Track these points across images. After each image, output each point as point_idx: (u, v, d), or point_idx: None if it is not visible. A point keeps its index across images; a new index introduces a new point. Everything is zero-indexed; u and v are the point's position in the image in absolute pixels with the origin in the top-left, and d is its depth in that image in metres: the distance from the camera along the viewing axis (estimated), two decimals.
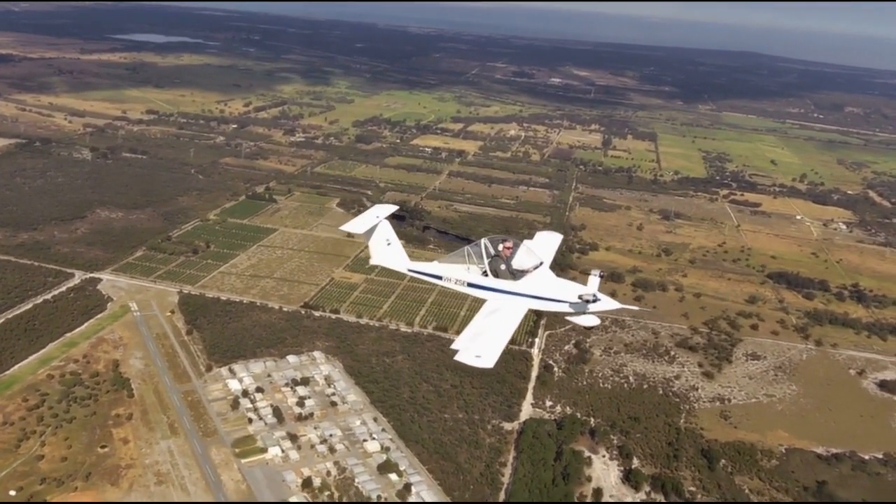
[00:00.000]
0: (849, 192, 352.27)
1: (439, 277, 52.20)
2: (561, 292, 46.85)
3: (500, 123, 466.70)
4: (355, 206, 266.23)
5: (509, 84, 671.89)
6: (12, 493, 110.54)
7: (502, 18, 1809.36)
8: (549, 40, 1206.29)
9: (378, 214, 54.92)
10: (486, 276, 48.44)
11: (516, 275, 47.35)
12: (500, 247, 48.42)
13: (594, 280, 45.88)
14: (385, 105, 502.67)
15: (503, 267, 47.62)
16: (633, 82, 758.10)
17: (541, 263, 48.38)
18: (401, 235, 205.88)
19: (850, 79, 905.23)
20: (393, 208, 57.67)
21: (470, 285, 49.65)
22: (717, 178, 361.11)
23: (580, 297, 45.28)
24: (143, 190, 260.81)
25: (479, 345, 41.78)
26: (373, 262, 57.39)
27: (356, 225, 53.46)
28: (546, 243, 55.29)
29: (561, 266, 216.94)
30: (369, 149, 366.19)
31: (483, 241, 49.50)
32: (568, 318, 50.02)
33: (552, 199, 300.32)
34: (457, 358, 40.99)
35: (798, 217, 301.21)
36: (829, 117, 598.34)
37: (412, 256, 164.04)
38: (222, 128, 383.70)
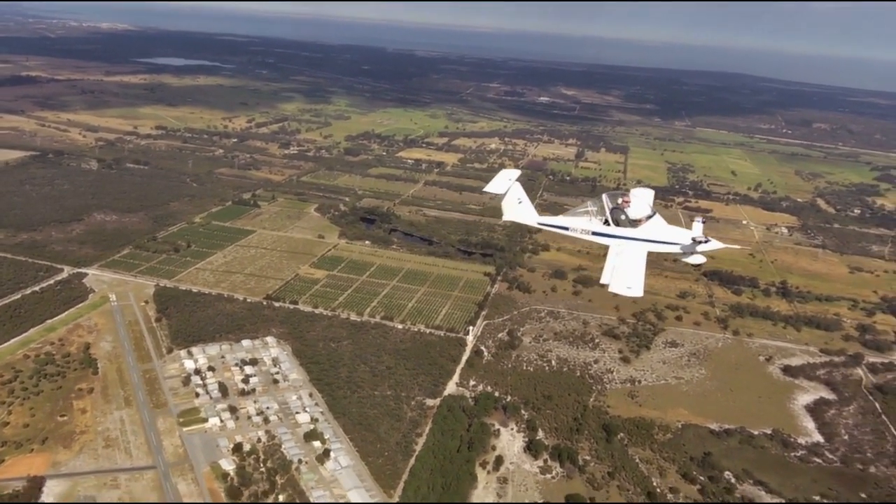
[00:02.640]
0: (799, 199, 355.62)
1: (566, 228, 57.92)
2: (674, 236, 53.50)
3: (483, 138, 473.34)
4: (331, 211, 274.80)
5: (499, 102, 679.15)
6: None
7: (507, 42, 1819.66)
8: (545, 62, 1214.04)
9: (510, 177, 60.07)
10: (608, 224, 54.02)
11: (634, 223, 53.22)
12: (620, 200, 54.16)
13: (698, 225, 53.36)
14: (379, 121, 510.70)
15: (623, 217, 53.48)
16: (616, 100, 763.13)
17: (654, 213, 54.07)
18: (368, 237, 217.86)
19: (825, 97, 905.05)
20: (518, 172, 62.30)
21: (594, 234, 55.28)
22: (677, 186, 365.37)
23: (693, 240, 52.10)
24: (139, 196, 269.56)
25: (624, 279, 49.20)
26: (505, 218, 61.46)
27: (494, 186, 59.41)
28: (644, 196, 59.12)
29: (512, 265, 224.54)
30: (356, 160, 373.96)
31: (603, 195, 55.27)
32: (679, 258, 55.65)
33: None
34: (610, 289, 48.71)
35: (744, 222, 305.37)
36: (797, 132, 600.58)
37: (375, 255, 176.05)
38: (223, 142, 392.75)
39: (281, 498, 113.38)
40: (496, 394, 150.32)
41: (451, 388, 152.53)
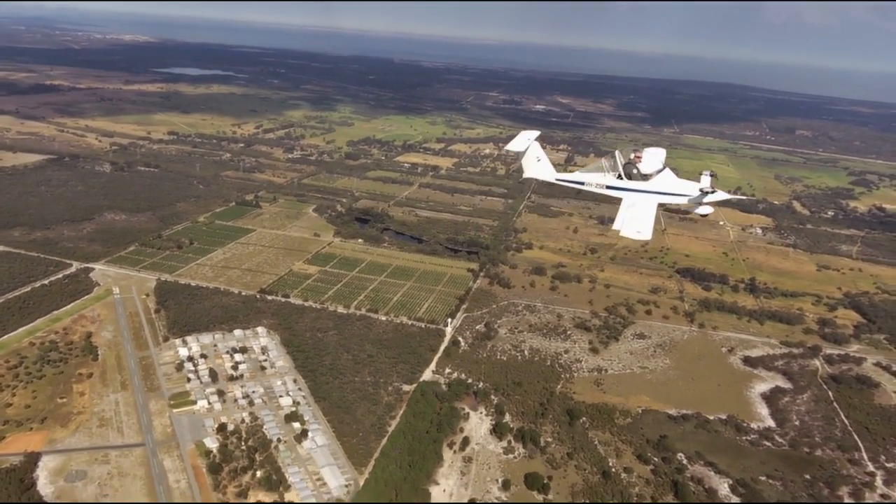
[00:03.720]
0: (775, 202, 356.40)
1: (581, 183, 60.36)
2: (683, 188, 55.70)
3: (478, 143, 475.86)
4: (328, 211, 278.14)
5: (497, 110, 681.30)
6: None
7: (509, 53, 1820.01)
8: (544, 72, 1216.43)
9: (528, 137, 61.70)
10: (621, 178, 56.29)
11: (646, 177, 55.40)
12: (632, 155, 56.49)
13: (706, 178, 55.44)
14: (380, 128, 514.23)
15: (635, 171, 55.74)
16: (610, 108, 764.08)
17: (664, 167, 56.16)
18: (361, 235, 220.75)
19: (810, 106, 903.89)
20: (537, 133, 63.51)
21: (608, 188, 57.66)
22: None
23: (701, 190, 54.23)
24: (147, 197, 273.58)
25: (635, 225, 51.91)
26: (525, 175, 63.15)
27: (514, 145, 61.57)
28: (656, 154, 59.84)
29: (495, 262, 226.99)
30: (355, 164, 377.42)
31: (616, 152, 57.54)
32: (688, 209, 58.44)
33: (504, 207, 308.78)
34: (621, 234, 51.62)
35: (721, 223, 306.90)
36: (780, 139, 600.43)
37: (367, 252, 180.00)
38: (231, 147, 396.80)
39: (258, 474, 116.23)
40: (469, 380, 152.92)
41: (427, 375, 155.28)
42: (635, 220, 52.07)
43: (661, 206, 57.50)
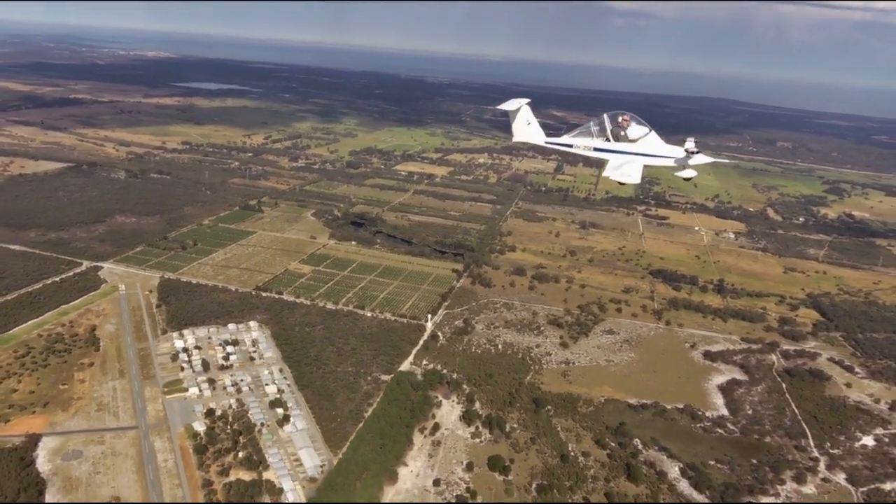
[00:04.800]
0: (750, 209, 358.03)
1: (570, 146, 59.79)
2: (668, 151, 55.70)
3: (474, 154, 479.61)
4: (326, 216, 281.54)
5: (494, 123, 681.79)
6: None
7: (512, 69, 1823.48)
8: (542, 87, 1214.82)
9: (520, 101, 61.63)
10: (609, 141, 56.50)
11: (633, 141, 55.62)
12: (619, 119, 56.84)
13: (690, 142, 55.15)
14: (382, 139, 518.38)
15: (622, 133, 56.17)
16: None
17: (650, 131, 56.46)
18: (355, 238, 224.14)
19: (793, 119, 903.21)
20: (528, 99, 63.18)
21: (596, 149, 57.75)
22: (641, 197, 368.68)
23: (686, 151, 53.72)
24: (157, 201, 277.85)
25: (624, 171, 52.68)
26: (515, 139, 62.71)
27: (507, 105, 61.63)
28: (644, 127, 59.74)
29: (479, 263, 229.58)
30: (356, 172, 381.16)
31: (605, 115, 57.44)
32: (673, 171, 57.51)
33: (492, 212, 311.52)
34: (612, 178, 52.08)
35: (696, 228, 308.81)
36: (761, 150, 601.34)
37: (359, 254, 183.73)
38: (240, 156, 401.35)
39: (240, 454, 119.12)
40: (444, 371, 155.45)
41: (405, 366, 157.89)
42: (624, 168, 52.72)
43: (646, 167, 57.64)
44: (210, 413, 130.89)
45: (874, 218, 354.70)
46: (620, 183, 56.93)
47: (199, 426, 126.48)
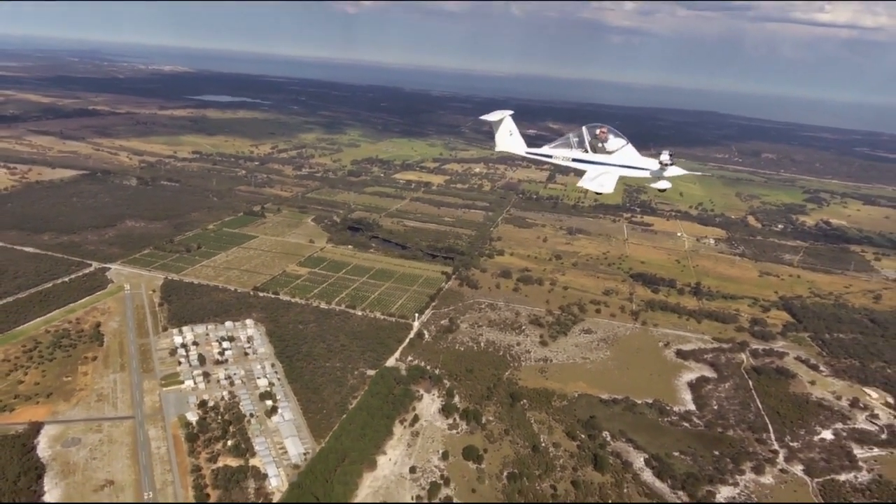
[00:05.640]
0: (732, 216, 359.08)
1: (550, 157, 59.63)
2: (644, 162, 55.69)
3: (471, 163, 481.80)
4: (325, 221, 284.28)
5: (491, 134, 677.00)
6: None
7: (514, 84, 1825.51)
8: (541, 101, 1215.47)
9: (503, 112, 61.71)
10: (587, 152, 56.73)
11: (610, 152, 55.92)
12: (597, 131, 56.94)
13: (665, 154, 55.13)
14: (384, 149, 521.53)
15: (600, 145, 56.46)
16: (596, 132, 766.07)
17: (627, 143, 56.39)
18: (351, 242, 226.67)
19: (780, 131, 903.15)
20: (511, 111, 63.07)
21: (574, 160, 57.88)
22: (628, 204, 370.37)
23: (661, 163, 53.61)
24: (166, 207, 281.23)
25: (598, 181, 53.37)
26: (498, 149, 62.40)
27: (490, 116, 61.61)
28: (622, 140, 59.37)
29: (468, 266, 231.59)
30: (356, 180, 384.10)
31: (583, 127, 57.33)
32: (647, 183, 57.54)
33: (485, 219, 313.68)
34: (586, 187, 52.79)
35: (679, 234, 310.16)
36: (747, 161, 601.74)
37: (354, 257, 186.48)
38: (247, 164, 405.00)
39: (229, 443, 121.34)
40: (427, 367, 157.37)
41: (391, 362, 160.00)
42: (599, 179, 52.70)
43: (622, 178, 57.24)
44: (203, 404, 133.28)
45: (851, 225, 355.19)
46: (596, 193, 57.50)
47: (192, 416, 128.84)
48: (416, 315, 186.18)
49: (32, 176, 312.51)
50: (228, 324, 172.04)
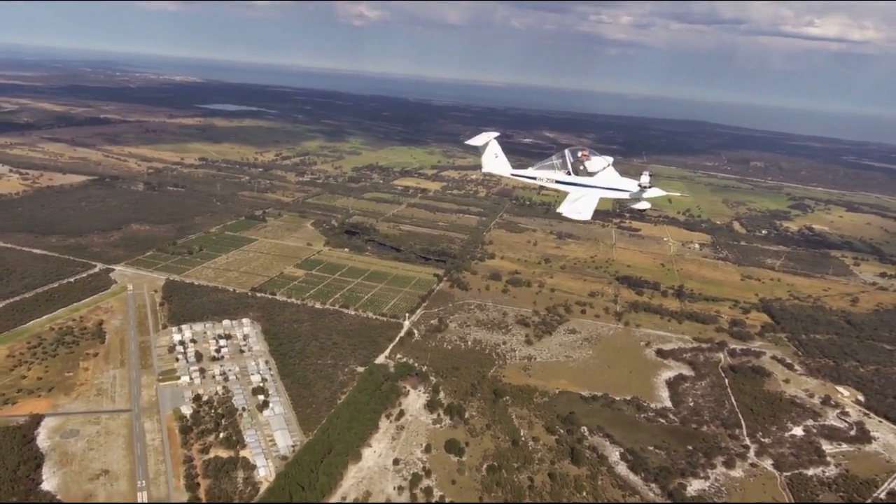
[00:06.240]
0: (718, 222, 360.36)
1: (534, 178, 60.51)
2: (624, 184, 56.38)
3: (468, 170, 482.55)
4: (323, 225, 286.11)
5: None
6: None
7: (513, 94, 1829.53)
8: (538, 110, 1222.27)
9: (488, 135, 62.17)
10: (569, 174, 57.39)
11: (592, 174, 56.52)
12: (579, 154, 57.35)
13: (645, 176, 55.36)
14: (385, 156, 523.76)
15: (582, 168, 57.04)
16: (589, 141, 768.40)
17: (609, 165, 56.92)
18: (348, 245, 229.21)
19: (768, 140, 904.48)
20: (496, 133, 63.69)
21: (557, 182, 58.75)
22: (618, 210, 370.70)
23: (640, 186, 54.10)
24: (171, 211, 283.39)
25: (576, 208, 53.88)
26: (484, 170, 63.23)
27: (476, 140, 62.52)
28: (605, 160, 59.77)
29: (460, 269, 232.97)
30: (356, 186, 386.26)
31: (566, 151, 57.83)
32: (627, 203, 57.99)
33: (478, 223, 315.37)
34: (564, 214, 53.26)
35: (665, 239, 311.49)
36: (735, 168, 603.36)
37: (350, 259, 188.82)
38: (251, 171, 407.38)
39: (221, 435, 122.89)
40: (415, 364, 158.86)
41: (380, 359, 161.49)
42: (577, 205, 53.14)
43: (604, 199, 57.92)
44: (197, 398, 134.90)
45: (833, 231, 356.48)
46: (576, 219, 57.99)
47: (186, 410, 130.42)
48: (407, 315, 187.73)
49: (43, 181, 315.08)
50: (226, 322, 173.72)
